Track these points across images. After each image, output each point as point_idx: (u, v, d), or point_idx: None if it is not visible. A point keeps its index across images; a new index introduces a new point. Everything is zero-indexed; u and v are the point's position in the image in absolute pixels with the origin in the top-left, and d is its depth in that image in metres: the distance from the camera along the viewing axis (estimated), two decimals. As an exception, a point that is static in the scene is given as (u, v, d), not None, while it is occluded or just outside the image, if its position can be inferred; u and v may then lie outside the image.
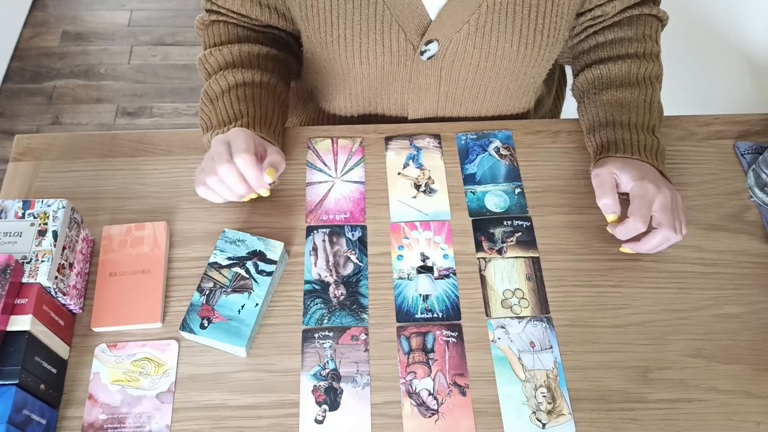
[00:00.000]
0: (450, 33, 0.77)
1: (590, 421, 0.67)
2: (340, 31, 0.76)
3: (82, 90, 1.98)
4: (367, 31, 0.76)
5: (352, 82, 0.84)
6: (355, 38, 0.77)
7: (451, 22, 0.75)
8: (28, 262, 0.65)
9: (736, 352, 0.71)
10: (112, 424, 0.66)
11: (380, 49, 0.77)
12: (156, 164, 0.83)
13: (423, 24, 0.76)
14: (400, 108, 0.88)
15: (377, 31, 0.76)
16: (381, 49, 0.78)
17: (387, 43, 0.77)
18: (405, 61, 0.80)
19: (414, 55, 0.79)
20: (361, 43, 0.77)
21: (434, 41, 0.77)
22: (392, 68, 0.81)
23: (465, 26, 0.76)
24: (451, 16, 0.75)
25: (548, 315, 0.73)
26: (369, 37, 0.76)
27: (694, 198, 0.81)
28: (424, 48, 0.78)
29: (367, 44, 0.77)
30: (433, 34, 0.76)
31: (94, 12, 2.17)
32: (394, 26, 0.75)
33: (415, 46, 0.78)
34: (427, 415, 0.67)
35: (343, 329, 0.72)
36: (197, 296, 0.71)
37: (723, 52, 1.24)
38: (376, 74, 0.82)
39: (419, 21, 0.76)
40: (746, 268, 0.76)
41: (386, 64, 0.80)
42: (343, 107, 0.90)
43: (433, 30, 0.76)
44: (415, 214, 0.80)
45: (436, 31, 0.76)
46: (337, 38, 0.77)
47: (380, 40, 0.77)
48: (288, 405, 0.68)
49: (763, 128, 0.87)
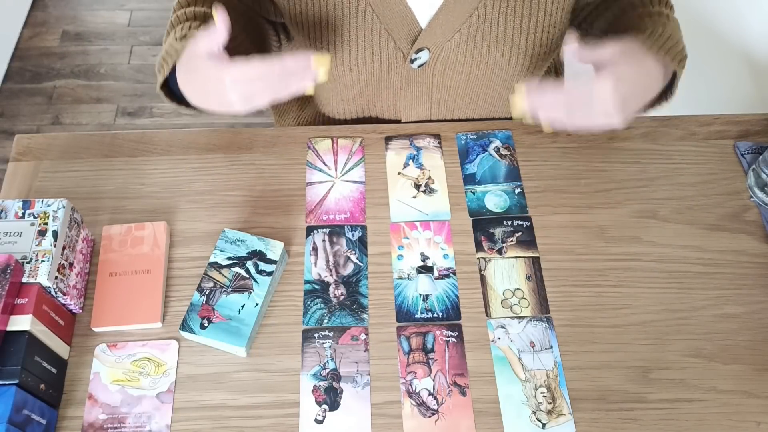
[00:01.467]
0: (441, 42, 0.76)
1: (590, 421, 0.67)
2: (330, 38, 0.76)
3: (82, 90, 1.98)
4: (356, 39, 0.76)
5: (343, 87, 0.84)
6: (345, 46, 0.76)
7: (441, 30, 0.75)
8: (28, 262, 0.65)
9: (736, 352, 0.71)
10: (112, 424, 0.66)
11: (369, 56, 0.77)
12: (156, 164, 0.83)
13: (413, 32, 0.76)
14: (393, 114, 0.88)
15: (366, 39, 0.76)
16: (370, 57, 0.77)
17: (377, 51, 0.77)
18: (395, 68, 0.80)
19: (404, 63, 0.79)
20: (351, 51, 0.77)
21: (425, 50, 0.77)
22: (383, 75, 0.81)
23: (456, 35, 0.76)
24: (441, 24, 0.75)
25: (548, 315, 0.73)
26: (358, 45, 0.76)
27: (694, 198, 0.81)
28: (415, 56, 0.78)
29: (356, 52, 0.77)
30: (424, 42, 0.76)
31: (94, 12, 2.17)
32: (383, 34, 0.75)
33: (405, 54, 0.78)
34: (427, 415, 0.67)
35: (343, 329, 0.72)
36: (197, 296, 0.71)
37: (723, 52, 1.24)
38: (366, 81, 0.81)
39: (409, 29, 0.75)
40: (746, 268, 0.76)
41: (376, 72, 0.80)
42: (337, 112, 0.90)
43: (424, 38, 0.76)
44: (415, 214, 0.80)
45: (426, 39, 0.76)
46: (326, 45, 0.77)
47: (369, 48, 0.76)
48: (288, 405, 0.68)
49: (763, 128, 0.87)
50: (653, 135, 0.86)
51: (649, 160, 0.84)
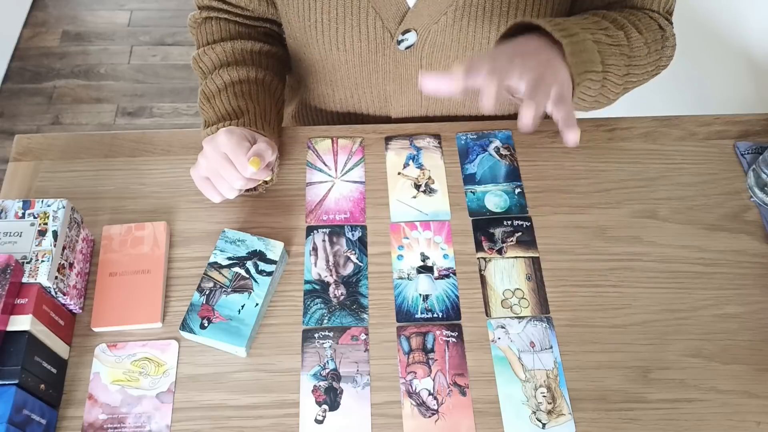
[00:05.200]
0: (428, 23, 0.77)
1: (590, 421, 0.67)
2: (317, 15, 0.76)
3: (82, 90, 1.98)
4: (344, 17, 0.76)
5: (331, 69, 0.84)
6: (332, 24, 0.77)
7: (428, 12, 0.75)
8: (28, 262, 0.65)
9: (736, 352, 0.71)
10: (112, 424, 0.66)
11: (357, 35, 0.77)
12: (156, 164, 0.83)
13: (400, 12, 0.76)
14: (383, 100, 0.88)
15: (354, 18, 0.76)
16: (358, 36, 0.78)
17: (364, 30, 0.77)
18: (383, 50, 0.80)
19: (392, 44, 0.79)
20: (338, 28, 0.77)
21: (412, 31, 0.77)
22: (371, 57, 0.81)
23: (443, 18, 0.76)
24: (428, 5, 0.75)
25: (548, 315, 0.73)
26: (346, 23, 0.76)
27: (694, 198, 0.81)
28: (402, 37, 0.78)
29: (344, 30, 0.77)
30: (411, 23, 0.76)
31: (94, 12, 2.17)
32: (371, 13, 0.75)
33: (392, 35, 0.78)
34: (427, 415, 0.67)
35: (343, 329, 0.72)
36: (197, 296, 0.71)
37: (723, 52, 1.24)
38: (354, 62, 0.82)
39: (396, 9, 0.76)
40: (746, 268, 0.76)
41: (364, 52, 0.80)
42: (326, 95, 0.90)
43: (410, 19, 0.76)
44: (415, 214, 0.80)
45: (413, 20, 0.76)
46: (314, 23, 0.77)
47: (357, 26, 0.77)
48: (288, 405, 0.68)
49: (763, 128, 0.87)
50: (653, 135, 0.86)
51: (649, 160, 0.84)
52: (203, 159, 0.71)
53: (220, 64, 0.81)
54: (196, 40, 0.85)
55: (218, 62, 0.81)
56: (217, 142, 0.70)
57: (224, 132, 0.70)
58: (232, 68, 0.80)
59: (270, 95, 0.81)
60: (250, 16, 0.84)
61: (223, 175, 0.70)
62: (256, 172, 0.69)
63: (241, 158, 0.69)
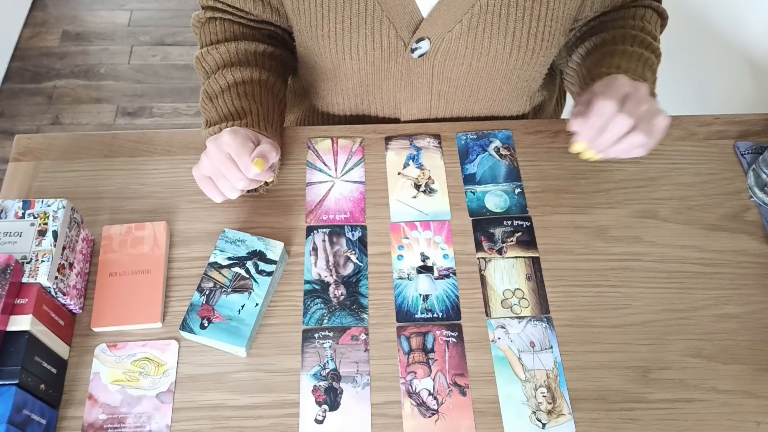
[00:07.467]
0: (442, 32, 0.76)
1: (590, 421, 0.67)
2: (331, 25, 0.76)
3: (82, 90, 1.98)
4: (357, 26, 0.76)
5: (343, 77, 0.84)
6: (345, 33, 0.76)
7: (443, 21, 0.75)
8: (28, 262, 0.65)
9: (736, 352, 0.71)
10: (112, 424, 0.66)
11: (370, 44, 0.77)
12: (156, 164, 0.83)
13: (414, 21, 0.76)
14: (393, 107, 0.88)
15: (368, 27, 0.76)
16: (371, 45, 0.77)
17: (377, 39, 0.77)
18: (396, 58, 0.80)
19: (405, 53, 0.79)
20: (351, 38, 0.77)
21: (425, 39, 0.77)
22: (383, 65, 0.81)
23: (457, 26, 0.76)
24: (443, 14, 0.75)
25: (548, 315, 0.73)
26: (359, 33, 0.76)
27: (694, 198, 0.81)
28: (415, 45, 0.78)
29: (357, 39, 0.77)
30: (425, 32, 0.76)
31: (94, 12, 2.17)
32: (384, 22, 0.75)
33: (406, 43, 0.78)
34: (427, 415, 0.67)
35: (343, 329, 0.72)
36: (197, 296, 0.71)
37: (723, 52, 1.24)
38: (366, 70, 0.81)
39: (410, 18, 0.75)
40: (746, 268, 0.76)
41: (377, 61, 0.80)
42: (336, 104, 0.90)
43: (425, 28, 0.76)
44: (415, 214, 0.80)
45: (427, 29, 0.76)
46: (328, 32, 0.77)
47: (370, 35, 0.76)
48: (288, 405, 0.68)
49: (763, 128, 0.87)
50: (653, 135, 0.86)
51: (649, 160, 0.84)
52: (206, 158, 0.71)
53: (223, 64, 0.81)
54: (200, 40, 0.85)
55: (222, 62, 0.81)
56: (222, 142, 0.70)
57: (229, 132, 0.70)
58: (236, 69, 0.80)
59: (273, 97, 0.81)
60: (255, 19, 0.84)
61: (226, 175, 0.70)
62: (259, 173, 0.69)
63: (245, 159, 0.69)
